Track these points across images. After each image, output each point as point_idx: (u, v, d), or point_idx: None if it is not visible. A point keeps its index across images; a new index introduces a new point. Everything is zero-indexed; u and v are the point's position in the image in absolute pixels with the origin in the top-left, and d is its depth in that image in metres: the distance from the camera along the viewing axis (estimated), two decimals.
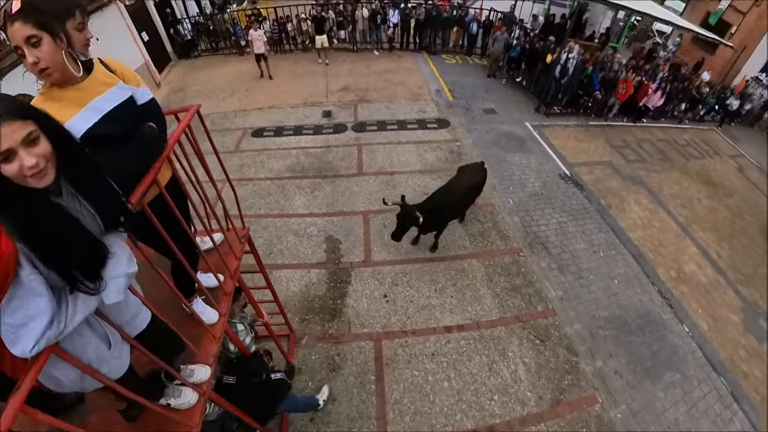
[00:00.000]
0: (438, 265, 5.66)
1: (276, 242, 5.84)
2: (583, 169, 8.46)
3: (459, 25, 13.24)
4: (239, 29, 12.32)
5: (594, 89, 10.32)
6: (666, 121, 12.23)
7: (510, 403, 4.30)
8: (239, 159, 7.68)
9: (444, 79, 11.41)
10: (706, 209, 8.54)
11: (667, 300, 5.99)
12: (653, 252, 6.78)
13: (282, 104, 9.72)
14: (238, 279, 2.66)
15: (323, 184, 7.05)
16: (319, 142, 8.27)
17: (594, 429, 4.26)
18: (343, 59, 12.33)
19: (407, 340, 4.76)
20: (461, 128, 9.07)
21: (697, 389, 4.92)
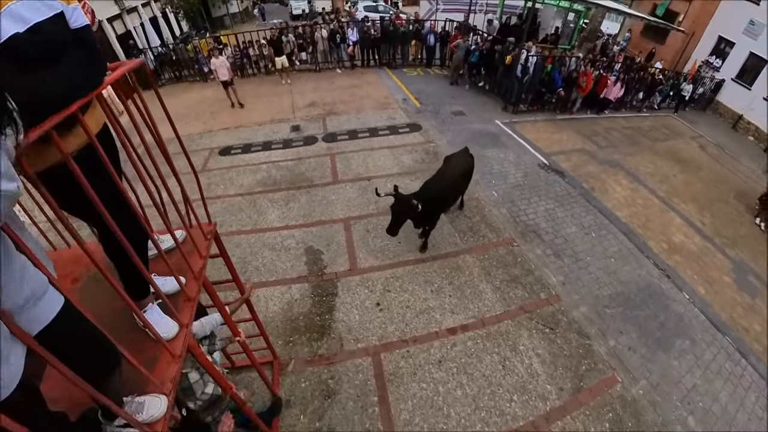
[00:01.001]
0: (431, 265, 5.49)
1: (251, 259, 5.50)
2: (561, 157, 8.76)
3: (416, 39, 13.87)
4: (201, 57, 12.75)
5: (556, 86, 10.85)
6: (626, 111, 13.06)
7: (531, 401, 4.06)
8: (206, 178, 7.41)
9: (409, 89, 11.78)
10: (682, 183, 9.03)
11: (663, 271, 6.14)
12: (642, 227, 6.99)
13: (249, 123, 9.72)
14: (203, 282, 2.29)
15: (298, 195, 6.86)
16: (289, 155, 8.17)
17: (620, 410, 4.11)
18: (306, 79, 12.66)
19: (409, 350, 4.44)
20: (433, 130, 9.25)
21: (707, 352, 5.05)
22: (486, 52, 11.61)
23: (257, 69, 13.29)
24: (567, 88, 11.02)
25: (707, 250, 6.98)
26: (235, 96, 10.41)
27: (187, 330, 1.91)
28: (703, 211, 8.12)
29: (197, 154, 8.36)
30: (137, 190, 2.02)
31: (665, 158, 10.09)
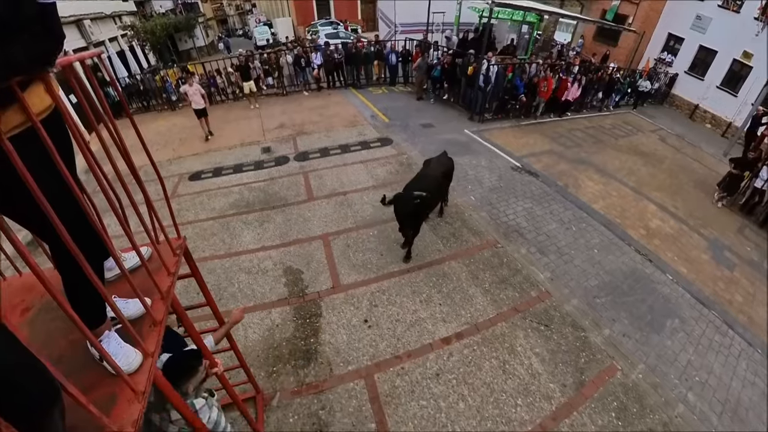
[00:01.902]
0: (417, 275, 5.47)
1: (226, 285, 5.31)
2: (531, 159, 9.13)
3: (379, 59, 14.58)
4: (169, 85, 13.17)
5: (518, 93, 11.45)
6: (588, 112, 13.90)
7: (536, 403, 4.02)
8: (176, 203, 7.22)
9: (376, 106, 12.16)
10: (648, 175, 9.54)
11: (645, 256, 6.41)
12: (619, 217, 7.30)
13: (219, 148, 9.74)
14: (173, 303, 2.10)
15: (273, 215, 6.77)
16: (262, 176, 8.14)
17: (623, 397, 4.15)
18: (274, 102, 12.98)
19: (404, 367, 4.31)
20: (405, 143, 9.49)
21: (696, 327, 5.29)
22: (447, 66, 12.18)
23: (225, 96, 13.69)
24: (529, 94, 11.64)
25: (683, 232, 7.36)
26: (207, 126, 10.41)
27: (153, 360, 1.69)
28: (673, 197, 8.59)
29: (166, 180, 8.13)
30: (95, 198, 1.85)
31: (628, 153, 10.69)
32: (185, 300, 4.14)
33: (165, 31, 22.95)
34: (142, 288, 1.79)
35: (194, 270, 2.67)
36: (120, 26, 19.12)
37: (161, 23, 22.59)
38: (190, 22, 27.12)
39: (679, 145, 12.66)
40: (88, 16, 14.50)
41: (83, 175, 1.63)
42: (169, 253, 2.26)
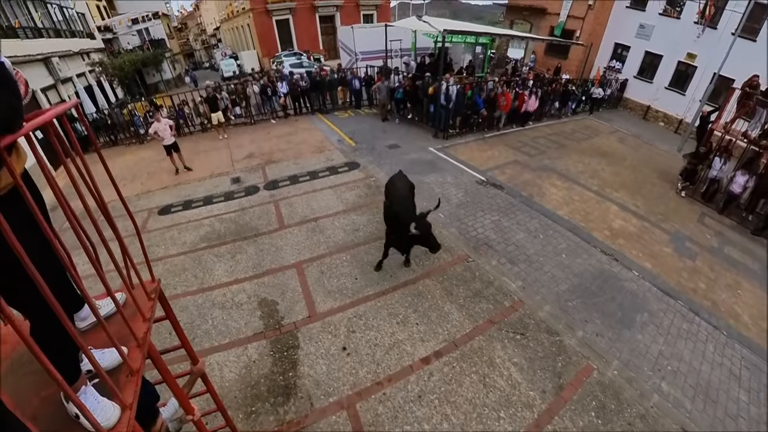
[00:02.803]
0: (392, 297, 5.61)
1: (199, 322, 5.28)
2: (496, 171, 9.61)
3: (342, 85, 15.29)
4: (137, 119, 13.55)
5: (479, 108, 12.13)
6: (548, 120, 14.79)
7: (518, 413, 4.17)
8: (146, 239, 7.00)
9: (342, 131, 12.56)
10: (611, 174, 10.21)
11: (611, 256, 6.82)
12: (584, 221, 7.76)
13: (188, 180, 9.78)
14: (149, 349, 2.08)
15: (245, 246, 6.83)
16: (232, 207, 8.22)
17: (601, 396, 4.37)
18: (242, 132, 13.26)
19: (385, 392, 4.37)
20: (372, 165, 9.81)
21: (664, 319, 5.67)
22: (409, 88, 12.85)
23: (193, 127, 14.01)
24: (489, 108, 12.34)
25: (645, 229, 7.87)
26: (181, 161, 10.42)
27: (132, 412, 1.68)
28: (634, 195, 9.22)
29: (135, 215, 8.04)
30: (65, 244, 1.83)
31: (591, 155, 11.40)
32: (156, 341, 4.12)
33: (133, 66, 23.73)
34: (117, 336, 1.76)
35: (169, 313, 2.68)
36: (88, 63, 19.67)
37: (129, 59, 23.36)
38: (157, 58, 28.11)
39: (637, 144, 13.63)
40: (56, 54, 14.84)
41: None
42: (144, 297, 2.25)
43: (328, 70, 15.51)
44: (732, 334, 5.64)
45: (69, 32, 18.05)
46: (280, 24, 28.11)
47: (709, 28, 15.14)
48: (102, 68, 20.73)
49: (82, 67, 18.84)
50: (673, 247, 7.43)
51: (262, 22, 27.62)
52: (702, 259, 7.24)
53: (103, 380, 1.53)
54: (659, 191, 9.80)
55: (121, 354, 1.74)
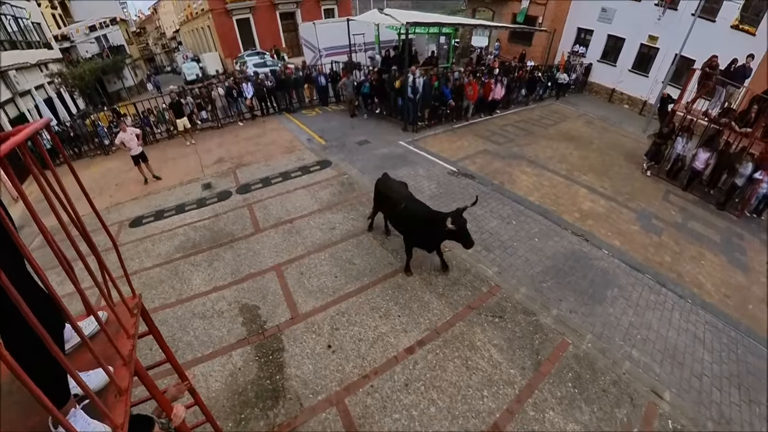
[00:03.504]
0: (373, 291, 5.87)
1: (180, 335, 5.36)
2: (467, 162, 10.03)
3: (308, 82, 15.48)
4: (101, 129, 13.66)
5: (446, 99, 12.53)
6: (515, 107, 15.39)
7: (501, 390, 4.51)
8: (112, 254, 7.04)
9: (311, 129, 12.76)
10: (579, 158, 10.81)
11: (581, 236, 7.33)
12: (554, 205, 8.26)
13: (158, 189, 9.76)
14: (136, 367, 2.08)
15: (221, 253, 6.93)
16: (206, 214, 8.29)
17: (576, 367, 4.79)
18: (210, 136, 13.27)
19: (372, 384, 4.62)
20: (343, 163, 10.06)
21: (633, 292, 6.19)
22: (375, 83, 13.12)
23: (160, 134, 13.98)
24: (457, 98, 12.76)
25: (613, 209, 8.45)
26: (149, 170, 10.36)
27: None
28: (601, 177, 9.83)
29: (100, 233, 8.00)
30: None
31: (559, 140, 12.02)
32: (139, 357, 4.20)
33: (93, 75, 23.96)
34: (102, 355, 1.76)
35: (152, 328, 2.71)
36: (47, 74, 19.58)
37: (89, 68, 23.49)
38: (117, 65, 28.39)
39: (603, 126, 14.39)
40: (13, 67, 14.68)
41: None
42: (126, 313, 2.27)
43: (293, 68, 15.63)
44: (696, 301, 6.21)
45: (25, 43, 17.94)
46: (240, 23, 28.29)
47: (669, 10, 15.86)
48: (62, 79, 20.69)
49: (41, 78, 18.70)
50: (640, 225, 8.03)
51: (222, 22, 27.71)
52: (667, 234, 7.86)
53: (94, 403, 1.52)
54: (626, 172, 10.47)
55: (108, 374, 1.75)
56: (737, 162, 9.22)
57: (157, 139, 13.73)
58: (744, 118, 9.31)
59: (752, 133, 9.09)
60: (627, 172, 10.49)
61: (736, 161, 9.23)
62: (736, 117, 9.50)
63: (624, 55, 18.21)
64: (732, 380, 5.02)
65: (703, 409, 4.58)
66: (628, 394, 4.56)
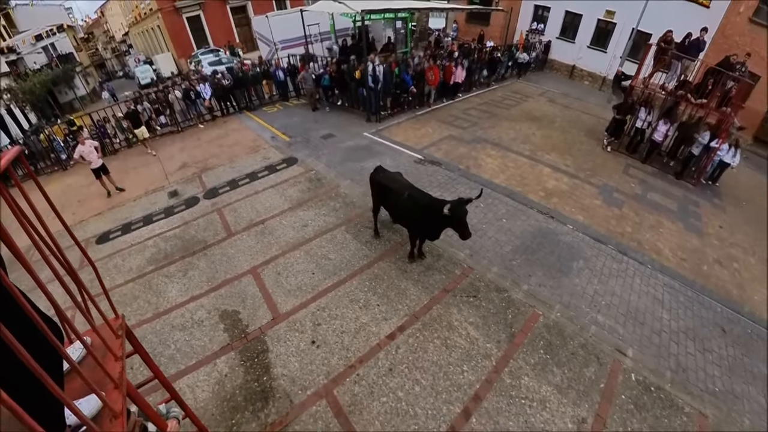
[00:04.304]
0: (350, 284, 6.22)
1: (161, 349, 5.48)
2: (432, 149, 10.51)
3: (266, 78, 15.51)
4: (57, 144, 13.34)
5: (408, 86, 12.92)
6: (477, 89, 16.00)
7: (479, 363, 5.00)
8: (89, 273, 7.00)
9: (274, 126, 12.91)
10: (542, 138, 11.49)
11: (547, 214, 7.95)
12: (519, 185, 8.86)
13: (122, 202, 9.72)
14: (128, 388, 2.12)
15: (195, 261, 7.08)
16: (175, 223, 8.37)
17: (547, 335, 5.36)
18: (171, 142, 13.20)
19: (359, 373, 4.99)
20: (309, 159, 10.33)
21: (597, 262, 6.85)
22: (334, 74, 13.34)
23: (119, 144, 13.80)
24: (418, 84, 13.19)
25: (576, 185, 9.13)
26: (112, 183, 10.27)
27: None
28: (564, 156, 10.53)
29: (72, 250, 7.88)
30: None
31: (522, 121, 12.69)
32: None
33: (45, 88, 23.60)
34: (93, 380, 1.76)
35: (138, 347, 2.75)
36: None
37: (39, 80, 23.03)
38: (68, 74, 27.87)
39: (566, 102, 15.24)
40: None
41: None
42: (111, 335, 2.31)
43: (250, 64, 15.67)
44: (655, 266, 6.94)
45: None
46: (191, 21, 28.12)
47: None
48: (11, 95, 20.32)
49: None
50: (602, 199, 8.74)
51: (172, 21, 27.47)
52: (628, 206, 8.60)
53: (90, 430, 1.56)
54: (587, 149, 11.23)
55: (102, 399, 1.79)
56: (696, 132, 10.08)
57: (116, 149, 13.53)
58: (700, 90, 10.14)
59: (708, 103, 9.94)
60: (588, 148, 11.25)
61: (695, 131, 10.09)
62: (692, 89, 10.32)
63: (582, 31, 19.02)
64: (688, 334, 5.73)
65: (663, 360, 5.25)
66: (595, 354, 5.16)
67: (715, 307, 6.33)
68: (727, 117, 9.67)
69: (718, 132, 9.74)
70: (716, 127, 9.93)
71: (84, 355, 2.06)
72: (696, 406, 4.72)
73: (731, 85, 9.71)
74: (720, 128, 9.77)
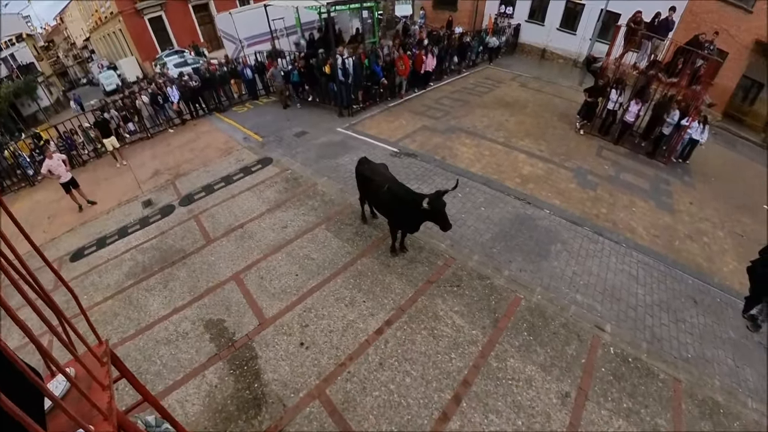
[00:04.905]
0: (335, 283, 6.40)
1: (146, 366, 5.49)
2: (407, 141, 10.75)
3: (234, 77, 15.46)
4: (23, 159, 13.17)
5: (379, 77, 13.07)
6: (449, 77, 16.28)
7: (466, 350, 5.27)
8: (64, 294, 6.98)
9: (245, 126, 12.92)
10: (515, 124, 11.86)
11: (524, 200, 8.30)
12: (496, 173, 9.19)
13: (95, 215, 9.62)
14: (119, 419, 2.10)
15: (175, 272, 7.11)
16: (151, 233, 8.34)
17: (530, 318, 5.70)
18: (141, 149, 13.08)
19: (350, 371, 5.17)
20: (284, 158, 10.41)
21: (574, 244, 7.23)
22: (303, 69, 13.38)
23: (87, 155, 13.63)
24: (389, 75, 13.37)
25: (551, 170, 9.52)
26: (83, 196, 10.13)
27: None
28: (538, 141, 10.92)
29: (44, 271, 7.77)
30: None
31: (495, 108, 13.04)
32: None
33: (6, 101, 23.57)
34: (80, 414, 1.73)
35: (125, 371, 2.73)
36: None
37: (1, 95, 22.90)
38: (30, 85, 27.58)
39: (538, 85, 15.67)
40: None
41: None
42: (96, 364, 2.25)
43: (216, 63, 15.59)
44: (630, 244, 7.38)
45: None
46: (153, 22, 27.89)
47: None
48: None
49: None
50: (576, 182, 9.15)
51: (133, 23, 27.26)
52: (602, 188, 9.04)
53: None
54: (560, 133, 11.65)
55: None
56: (666, 111, 10.57)
57: (85, 160, 13.33)
58: (670, 69, 10.61)
59: (678, 82, 10.41)
60: (561, 132, 11.68)
61: (666, 111, 10.57)
62: (663, 68, 10.79)
63: (551, 13, 19.47)
64: (662, 306, 6.18)
65: (639, 333, 5.66)
66: (575, 332, 5.52)
67: (687, 279, 6.81)
68: (698, 95, 10.15)
69: (688, 110, 10.23)
70: (687, 105, 10.41)
71: (68, 388, 2.02)
72: (670, 372, 5.14)
73: (700, 63, 10.14)
74: (690, 106, 10.25)
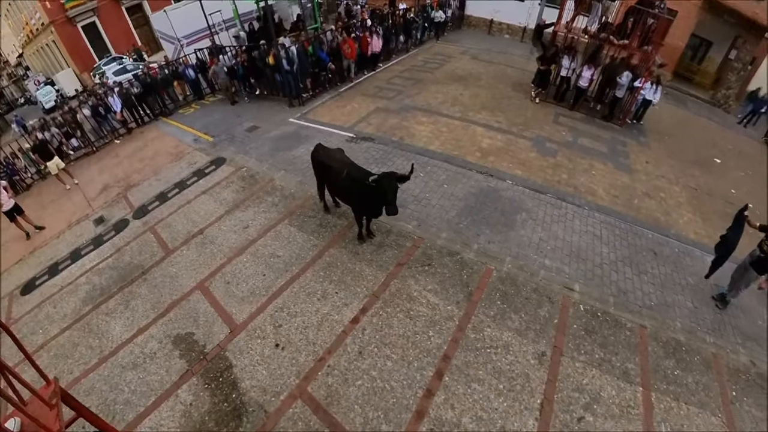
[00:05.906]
0: (305, 278, 6.47)
1: (114, 395, 5.33)
2: (362, 125, 10.85)
3: (177, 78, 15.03)
4: None
5: (325, 63, 13.03)
6: (397, 56, 16.42)
7: (443, 326, 5.51)
8: (16, 331, 6.68)
9: (194, 128, 12.66)
10: (470, 98, 12.15)
11: (485, 173, 8.59)
12: (455, 149, 9.44)
13: (44, 241, 9.25)
14: None
15: (135, 290, 6.95)
16: (106, 252, 8.09)
17: (502, 287, 6.02)
18: (88, 164, 12.62)
19: (329, 364, 5.26)
20: (238, 156, 10.31)
21: (539, 212, 7.62)
22: (247, 63, 13.19)
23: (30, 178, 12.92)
24: (336, 60, 13.34)
25: (510, 141, 9.87)
26: (29, 222, 9.70)
27: None
28: (495, 113, 11.25)
29: None
30: None
31: (448, 83, 13.29)
32: None
33: None
34: None
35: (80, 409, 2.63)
36: None
37: None
38: None
39: (489, 57, 16.05)
40: None
41: None
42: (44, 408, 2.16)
43: (156, 66, 15.11)
44: (591, 207, 7.83)
45: None
46: (87, 30, 26.94)
47: None
48: None
49: None
50: (536, 151, 9.53)
51: (67, 33, 26.22)
52: (561, 154, 9.46)
53: None
54: (516, 103, 12.03)
55: None
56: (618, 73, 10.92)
57: (29, 184, 12.69)
58: (621, 31, 10.83)
59: (630, 44, 10.68)
60: (517, 102, 12.06)
61: (619, 73, 10.91)
62: (614, 30, 11.00)
63: None
64: (625, 261, 6.65)
65: (605, 288, 6.08)
66: (546, 295, 5.87)
67: (647, 234, 7.32)
68: (649, 55, 10.58)
69: (640, 71, 10.68)
70: (639, 66, 10.86)
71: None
72: (636, 320, 5.60)
73: (651, 22, 10.33)
74: (642, 68, 10.71)
